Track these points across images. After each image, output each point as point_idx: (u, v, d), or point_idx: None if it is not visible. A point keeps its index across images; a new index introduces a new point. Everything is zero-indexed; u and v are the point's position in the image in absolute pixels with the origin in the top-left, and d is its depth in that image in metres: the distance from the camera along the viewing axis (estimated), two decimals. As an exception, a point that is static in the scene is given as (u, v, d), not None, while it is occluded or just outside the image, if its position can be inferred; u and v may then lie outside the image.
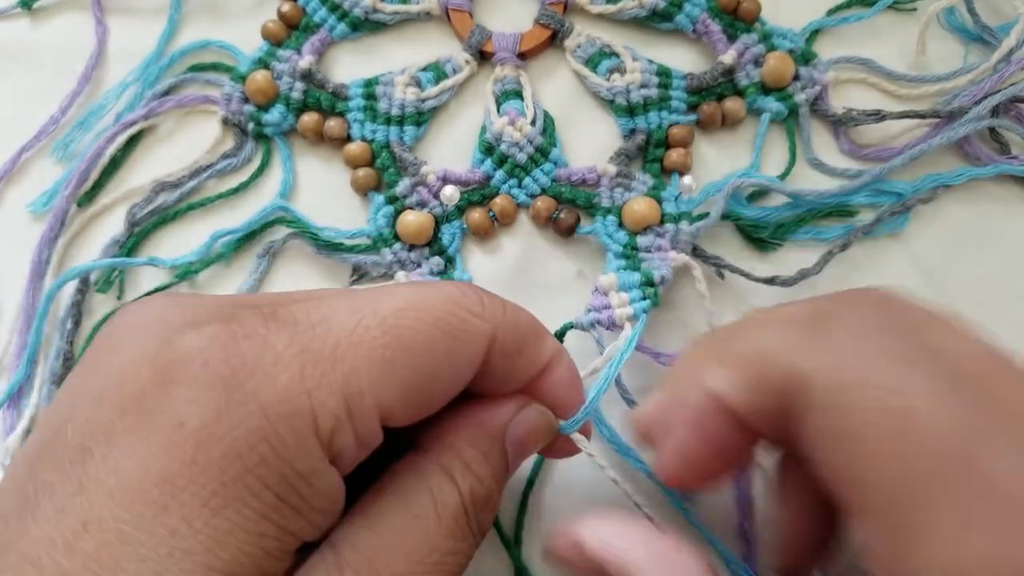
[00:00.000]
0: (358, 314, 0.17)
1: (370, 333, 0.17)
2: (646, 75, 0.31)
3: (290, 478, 0.16)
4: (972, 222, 0.31)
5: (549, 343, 0.21)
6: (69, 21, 0.34)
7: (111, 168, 0.32)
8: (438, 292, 0.18)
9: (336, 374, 0.16)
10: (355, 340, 0.17)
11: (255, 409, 0.16)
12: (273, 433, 0.16)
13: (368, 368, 0.17)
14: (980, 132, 0.31)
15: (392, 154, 0.31)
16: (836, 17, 0.33)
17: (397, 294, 0.18)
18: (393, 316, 0.17)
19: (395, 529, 0.18)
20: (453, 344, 0.18)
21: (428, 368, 0.18)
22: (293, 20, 0.33)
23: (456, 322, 0.18)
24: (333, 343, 0.17)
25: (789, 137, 0.32)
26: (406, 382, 0.17)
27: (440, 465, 0.19)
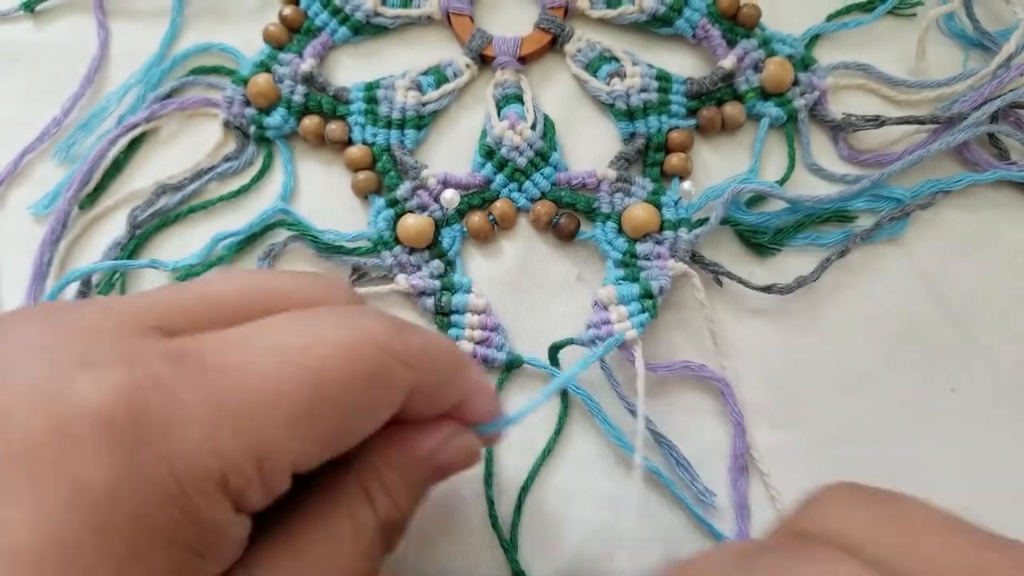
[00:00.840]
0: (279, 360, 0.16)
1: (289, 385, 0.16)
2: (646, 79, 0.32)
3: (200, 535, 0.15)
4: (971, 228, 0.31)
5: (468, 377, 0.20)
6: (71, 23, 0.34)
7: (113, 170, 0.32)
8: (365, 335, 0.17)
9: (250, 434, 0.16)
10: (272, 394, 0.16)
11: (163, 471, 0.15)
12: (182, 495, 0.15)
13: (286, 426, 0.16)
14: (979, 138, 0.31)
15: (393, 157, 0.31)
16: (835, 23, 0.33)
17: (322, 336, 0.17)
18: (319, 366, 0.16)
19: (313, 554, 0.18)
20: (375, 394, 0.17)
21: (348, 419, 0.17)
22: (295, 23, 0.33)
23: (381, 371, 0.17)
24: (248, 396, 0.16)
25: (788, 142, 0.32)
26: (323, 436, 0.17)
27: (361, 487, 0.19)
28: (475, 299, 0.29)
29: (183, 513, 0.15)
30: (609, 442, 0.28)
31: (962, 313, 0.30)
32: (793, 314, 0.29)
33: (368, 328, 0.17)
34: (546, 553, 0.27)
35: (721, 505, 0.27)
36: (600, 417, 0.28)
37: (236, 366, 0.16)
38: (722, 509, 0.27)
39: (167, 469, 0.15)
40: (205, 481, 0.15)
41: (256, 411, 0.16)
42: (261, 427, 0.16)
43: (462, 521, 0.27)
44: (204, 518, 0.15)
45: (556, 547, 0.27)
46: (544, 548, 0.27)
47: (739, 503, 0.27)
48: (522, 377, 0.29)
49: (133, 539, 0.15)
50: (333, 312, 0.18)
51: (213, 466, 0.15)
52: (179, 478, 0.15)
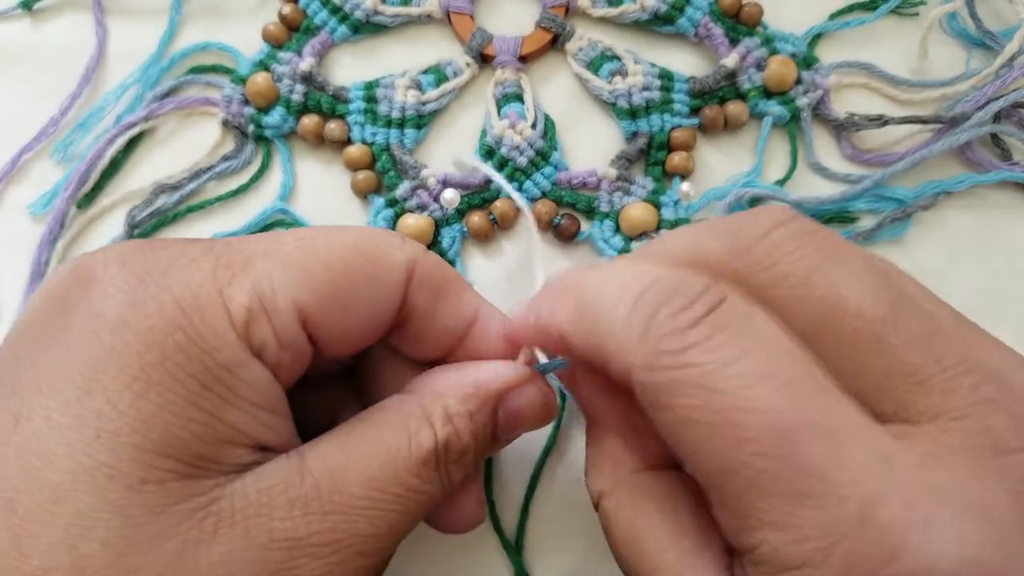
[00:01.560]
0: (275, 237, 0.19)
1: (285, 248, 0.18)
2: (648, 78, 0.31)
3: (212, 368, 0.17)
4: (973, 228, 0.30)
5: (471, 294, 0.21)
6: (69, 22, 0.34)
7: (111, 170, 0.32)
8: (359, 229, 0.20)
9: (247, 276, 0.18)
10: (270, 252, 0.18)
11: (168, 301, 0.17)
12: (187, 323, 0.17)
13: (281, 272, 0.18)
14: (982, 138, 0.31)
15: (392, 157, 0.31)
16: (838, 21, 0.33)
17: (318, 229, 0.20)
18: (309, 236, 0.19)
19: (365, 455, 0.18)
20: (369, 267, 0.19)
21: (344, 283, 0.19)
22: (294, 22, 0.33)
23: (372, 248, 0.19)
24: (247, 253, 0.18)
25: (791, 141, 0.32)
26: (322, 291, 0.18)
27: (423, 408, 0.19)
28: None
29: (190, 341, 0.16)
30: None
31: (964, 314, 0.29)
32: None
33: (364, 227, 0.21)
34: (549, 555, 0.27)
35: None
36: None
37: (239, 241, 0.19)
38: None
39: (171, 299, 0.17)
40: (206, 310, 0.17)
41: (252, 259, 0.18)
42: (257, 270, 0.18)
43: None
44: (214, 351, 0.17)
45: (558, 549, 0.27)
46: (545, 548, 0.27)
47: None
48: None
49: (143, 361, 0.16)
50: None
51: (214, 299, 0.17)
52: (182, 306, 0.17)
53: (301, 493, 0.17)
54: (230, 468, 0.17)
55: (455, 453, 0.19)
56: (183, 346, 0.16)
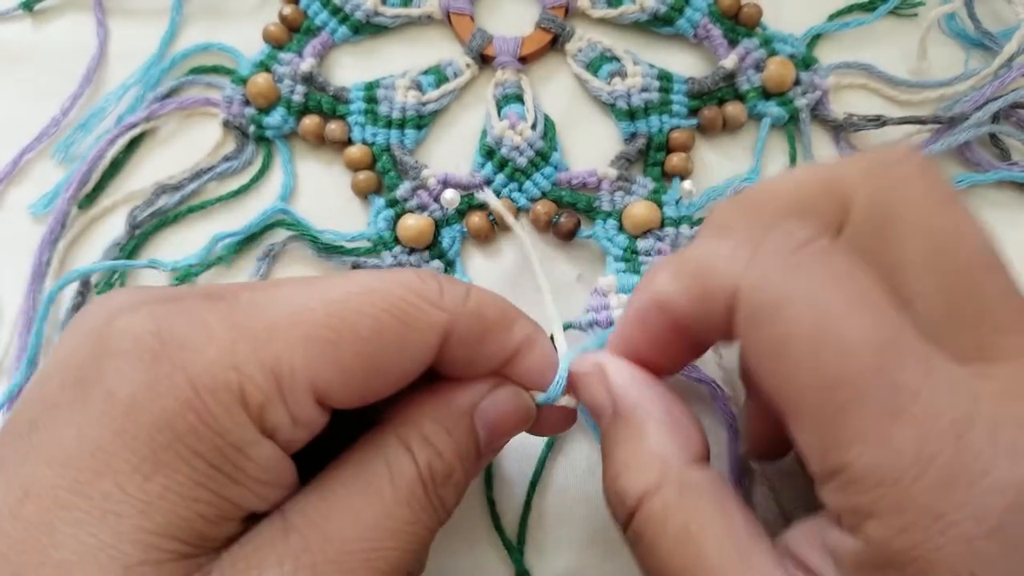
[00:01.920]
0: (304, 297, 0.18)
1: (312, 314, 0.17)
2: (647, 79, 0.31)
3: (221, 448, 0.16)
4: (972, 228, 0.31)
5: (519, 329, 0.20)
6: (70, 23, 0.34)
7: (112, 170, 0.32)
8: (395, 278, 0.18)
9: (267, 351, 0.17)
10: (294, 320, 0.17)
11: (182, 380, 0.16)
12: (200, 404, 0.16)
13: (304, 347, 0.17)
14: (981, 138, 0.31)
15: (393, 157, 0.31)
16: (837, 22, 0.33)
17: (353, 279, 0.18)
18: (341, 299, 0.17)
19: (346, 496, 0.18)
20: (403, 331, 0.18)
21: (373, 352, 0.17)
22: (294, 23, 0.33)
23: (409, 308, 0.18)
24: (271, 321, 0.17)
25: (790, 142, 0.32)
26: (348, 366, 0.17)
27: (397, 436, 0.19)
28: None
29: (202, 422, 0.16)
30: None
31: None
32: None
33: (400, 275, 0.18)
34: (549, 553, 0.27)
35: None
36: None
37: (263, 301, 0.17)
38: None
39: (185, 378, 0.16)
40: (222, 391, 0.16)
41: (275, 333, 0.17)
42: (278, 347, 0.17)
43: (465, 521, 0.27)
44: (225, 432, 0.16)
45: (558, 548, 0.27)
46: (546, 548, 0.27)
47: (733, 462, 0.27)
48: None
49: (154, 443, 0.16)
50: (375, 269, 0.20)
51: (230, 378, 0.16)
52: (197, 387, 0.16)
53: (287, 550, 0.17)
54: (223, 542, 0.17)
55: (441, 475, 0.19)
56: (194, 427, 0.16)
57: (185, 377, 0.16)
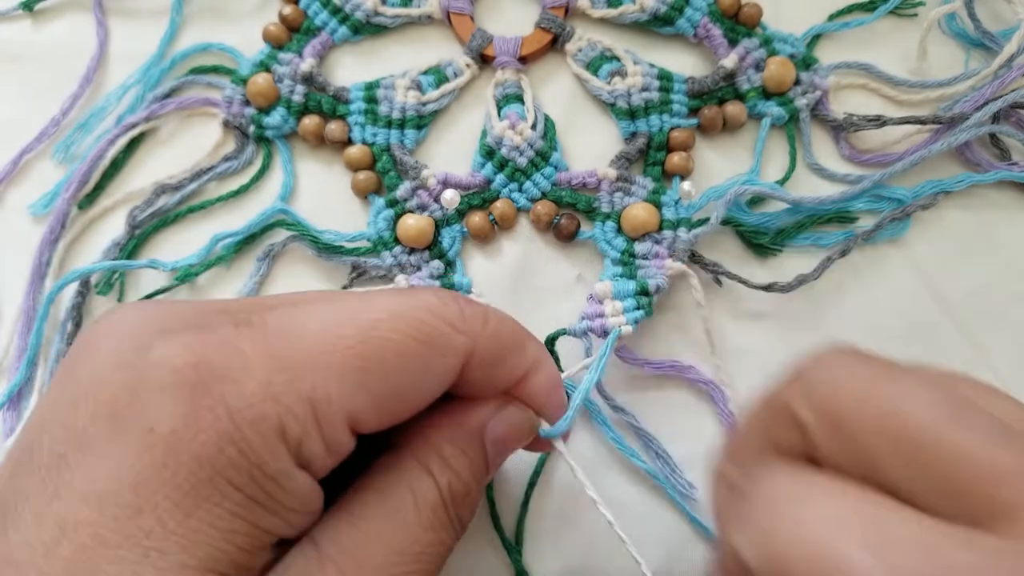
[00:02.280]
0: (334, 323, 0.18)
1: (344, 342, 0.17)
2: (647, 79, 0.31)
3: (259, 479, 0.16)
4: (972, 228, 0.31)
5: (530, 351, 0.21)
6: (71, 23, 0.34)
7: (112, 170, 0.32)
8: (419, 303, 0.18)
9: (305, 382, 0.17)
10: (327, 348, 0.17)
11: (223, 414, 0.16)
12: (241, 437, 0.16)
13: (339, 377, 0.17)
14: (981, 138, 0.31)
15: (393, 157, 0.31)
16: (837, 22, 0.33)
17: (377, 303, 0.18)
18: (370, 325, 0.18)
19: (375, 523, 0.18)
20: (429, 356, 0.18)
21: (402, 379, 0.18)
22: (294, 23, 0.33)
23: (435, 334, 0.18)
24: (305, 350, 0.17)
25: (790, 142, 0.32)
26: (378, 392, 0.18)
27: (418, 461, 0.19)
28: (475, 299, 0.29)
29: (242, 455, 0.16)
30: (608, 441, 0.28)
31: (962, 313, 0.30)
32: (794, 315, 0.29)
33: (423, 297, 0.19)
34: (547, 553, 0.27)
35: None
36: (599, 420, 0.27)
37: (294, 328, 0.17)
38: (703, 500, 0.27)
39: (225, 411, 0.16)
40: (262, 424, 0.16)
41: (310, 363, 0.17)
42: (314, 377, 0.17)
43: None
44: (263, 463, 0.16)
45: (557, 547, 0.27)
46: (545, 548, 0.27)
47: None
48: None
49: (195, 478, 0.16)
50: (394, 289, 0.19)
51: (269, 411, 0.16)
52: (237, 421, 0.16)
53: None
54: (258, 571, 0.17)
55: (459, 495, 0.20)
56: (234, 461, 0.16)
57: (226, 410, 0.16)
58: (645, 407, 0.28)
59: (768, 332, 0.29)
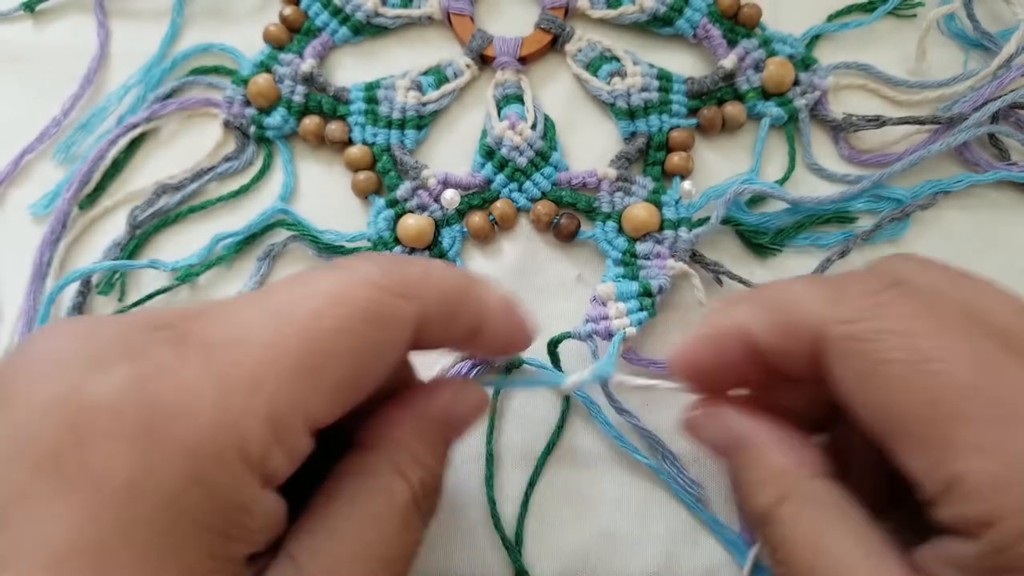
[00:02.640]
0: (274, 324, 0.16)
1: (288, 343, 0.16)
2: (647, 79, 0.32)
3: (226, 512, 0.15)
4: (971, 228, 0.31)
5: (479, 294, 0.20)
6: (72, 24, 0.34)
7: (113, 170, 0.32)
8: (357, 277, 0.17)
9: (258, 399, 0.16)
10: (273, 356, 0.16)
11: (180, 454, 0.15)
12: (203, 474, 0.15)
13: (291, 383, 0.16)
14: (980, 138, 0.31)
15: (393, 157, 0.31)
16: (836, 23, 0.33)
17: (313, 289, 0.17)
18: (311, 317, 0.16)
19: (352, 533, 0.18)
20: (378, 334, 0.17)
21: (355, 365, 0.17)
22: (295, 24, 0.33)
23: (380, 310, 0.17)
24: (252, 364, 0.16)
25: (789, 142, 0.32)
26: (333, 387, 0.17)
27: (391, 463, 0.19)
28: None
29: (207, 492, 0.15)
30: (609, 443, 0.28)
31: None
32: (794, 314, 0.29)
33: (359, 270, 0.17)
34: (548, 553, 0.27)
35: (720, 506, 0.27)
36: (600, 418, 0.27)
37: (235, 339, 0.16)
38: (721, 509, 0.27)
39: (183, 451, 0.15)
40: (224, 454, 0.15)
41: (259, 376, 0.16)
42: (267, 391, 0.16)
43: (464, 522, 0.27)
44: (230, 495, 0.15)
45: (557, 547, 0.27)
46: (546, 548, 0.27)
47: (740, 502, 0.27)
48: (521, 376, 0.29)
49: (162, 528, 0.15)
50: (327, 265, 0.18)
51: (229, 439, 0.15)
52: (197, 456, 0.15)
53: None
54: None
55: (429, 489, 0.19)
56: (199, 501, 0.15)
57: (183, 450, 0.15)
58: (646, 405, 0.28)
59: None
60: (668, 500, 0.27)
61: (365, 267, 0.18)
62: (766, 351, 0.20)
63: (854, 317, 0.18)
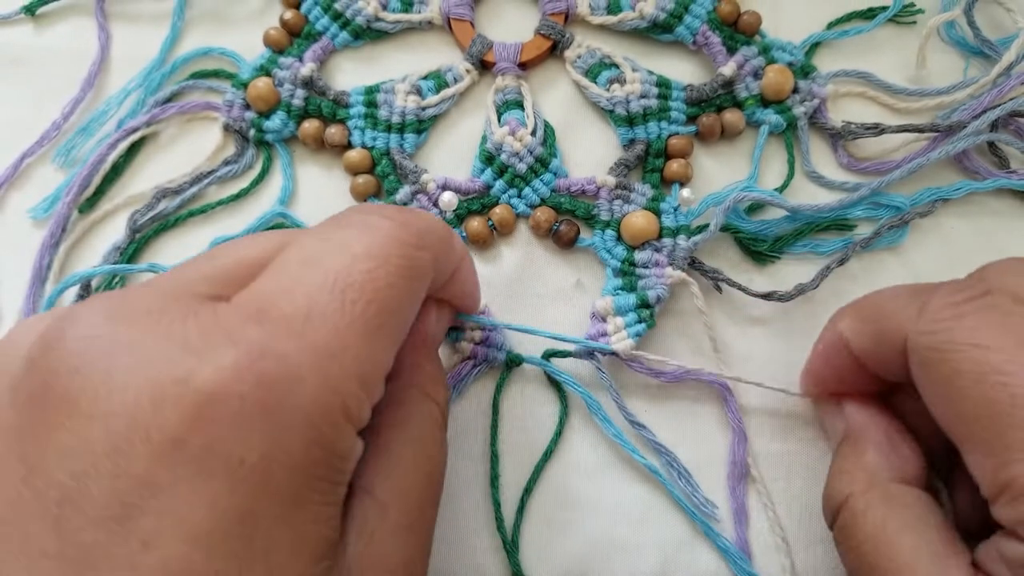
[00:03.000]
0: (338, 291, 0.18)
1: (356, 309, 0.18)
2: (646, 86, 0.32)
3: (336, 463, 0.18)
4: (971, 236, 0.31)
5: (457, 248, 0.23)
6: (72, 27, 0.34)
7: (113, 174, 0.32)
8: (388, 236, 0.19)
9: (349, 362, 0.17)
10: (348, 322, 0.18)
11: (300, 421, 0.17)
12: (319, 435, 0.17)
13: (369, 344, 0.18)
14: (979, 146, 0.31)
15: (392, 161, 0.31)
16: (836, 30, 0.33)
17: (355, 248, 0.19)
18: (369, 280, 0.18)
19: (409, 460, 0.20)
20: (414, 284, 0.20)
21: (404, 315, 0.20)
22: (295, 28, 0.33)
23: (415, 265, 0.20)
24: (334, 333, 0.18)
25: (788, 150, 0.32)
26: (393, 337, 0.19)
27: (420, 389, 0.22)
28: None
29: (323, 450, 0.17)
30: (610, 445, 0.28)
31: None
32: (793, 322, 0.29)
33: (384, 228, 0.19)
34: (546, 556, 0.27)
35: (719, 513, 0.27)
36: (600, 416, 0.27)
37: (310, 309, 0.18)
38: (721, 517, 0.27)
39: (303, 418, 0.17)
40: (331, 415, 0.17)
41: (346, 343, 0.18)
42: (354, 354, 0.18)
43: (463, 524, 0.27)
44: (338, 448, 0.17)
45: (556, 550, 0.27)
46: (545, 551, 0.27)
47: (737, 510, 0.27)
48: (522, 376, 0.29)
49: (293, 488, 0.17)
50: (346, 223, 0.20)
51: (334, 401, 0.17)
52: (312, 423, 0.17)
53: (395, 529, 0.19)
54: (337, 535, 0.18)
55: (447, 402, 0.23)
56: (318, 458, 0.17)
57: (303, 417, 0.17)
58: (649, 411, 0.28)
59: (767, 338, 0.29)
60: (667, 507, 0.27)
61: (384, 224, 0.20)
62: (863, 359, 0.23)
63: (933, 328, 0.20)
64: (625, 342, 0.28)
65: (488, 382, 0.29)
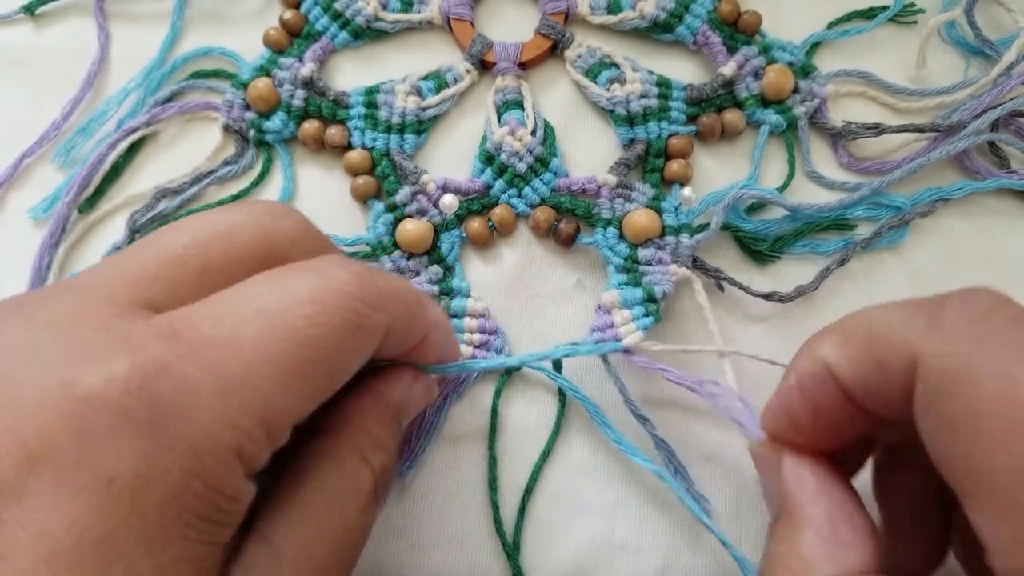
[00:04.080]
0: (267, 327, 0.17)
1: (278, 347, 0.17)
2: (646, 86, 0.32)
3: (220, 503, 0.16)
4: (971, 236, 0.31)
5: (428, 315, 0.21)
6: (72, 27, 0.34)
7: (112, 174, 0.32)
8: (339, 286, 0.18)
9: (254, 400, 0.16)
10: (266, 359, 0.17)
11: (185, 450, 0.16)
12: (203, 469, 0.16)
13: (282, 388, 0.17)
14: (979, 146, 0.31)
15: (392, 162, 0.31)
16: (836, 30, 0.33)
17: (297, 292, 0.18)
18: (303, 324, 0.17)
19: (320, 517, 0.19)
20: (356, 343, 0.18)
21: (333, 370, 0.18)
22: (295, 28, 0.33)
23: (361, 321, 0.18)
24: (247, 366, 0.16)
25: (788, 150, 0.32)
26: (314, 389, 0.18)
27: (355, 448, 0.20)
28: (474, 303, 0.29)
29: (206, 486, 0.16)
30: (608, 447, 0.28)
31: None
32: (793, 321, 0.29)
33: (340, 279, 0.18)
34: (546, 557, 0.27)
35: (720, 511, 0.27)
36: (599, 419, 0.27)
37: (229, 338, 0.17)
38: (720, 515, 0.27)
39: (188, 447, 0.16)
40: (221, 452, 0.16)
41: (255, 379, 0.16)
42: (264, 394, 0.17)
43: (462, 525, 0.27)
44: (224, 488, 0.16)
45: (556, 551, 0.27)
46: (544, 552, 0.27)
47: None
48: (522, 380, 0.29)
49: (164, 520, 0.15)
50: (304, 268, 0.19)
51: (228, 437, 0.16)
52: (199, 454, 0.16)
53: None
54: None
55: (387, 473, 0.21)
56: (199, 493, 0.16)
57: (188, 446, 0.16)
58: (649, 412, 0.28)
59: (768, 336, 0.29)
60: (666, 507, 0.27)
61: (342, 276, 0.18)
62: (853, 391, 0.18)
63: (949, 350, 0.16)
64: (635, 335, 0.28)
65: (488, 384, 0.29)
